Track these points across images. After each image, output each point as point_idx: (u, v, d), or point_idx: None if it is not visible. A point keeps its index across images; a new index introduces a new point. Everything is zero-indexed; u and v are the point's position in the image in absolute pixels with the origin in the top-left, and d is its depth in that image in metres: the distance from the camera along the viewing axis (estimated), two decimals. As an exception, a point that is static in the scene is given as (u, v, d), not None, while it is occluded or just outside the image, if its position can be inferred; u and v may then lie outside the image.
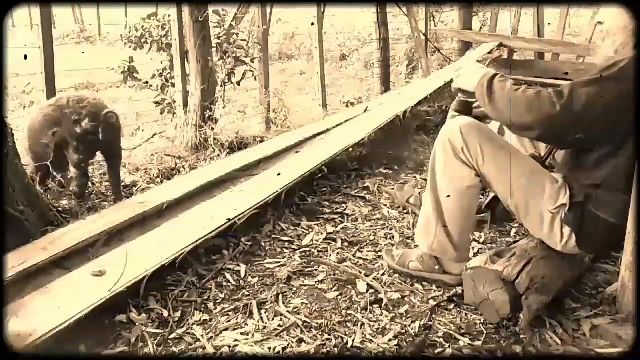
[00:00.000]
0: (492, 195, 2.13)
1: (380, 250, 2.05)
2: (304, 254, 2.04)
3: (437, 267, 1.80)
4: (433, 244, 1.76)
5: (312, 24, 4.79)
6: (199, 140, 3.30)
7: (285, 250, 2.07)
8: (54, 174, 2.44)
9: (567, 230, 1.61)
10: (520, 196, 1.64)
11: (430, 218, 1.75)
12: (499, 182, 1.66)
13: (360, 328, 1.58)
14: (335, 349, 1.47)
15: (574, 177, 1.61)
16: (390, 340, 1.52)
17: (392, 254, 1.92)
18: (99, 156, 2.67)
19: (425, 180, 1.90)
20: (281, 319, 1.61)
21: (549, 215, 1.61)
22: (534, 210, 1.63)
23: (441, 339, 1.54)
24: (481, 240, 2.17)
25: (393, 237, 2.20)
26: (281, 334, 1.54)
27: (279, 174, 2.51)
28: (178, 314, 1.63)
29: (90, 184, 2.64)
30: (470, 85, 1.66)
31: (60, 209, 2.30)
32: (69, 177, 2.46)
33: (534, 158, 1.76)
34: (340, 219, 2.37)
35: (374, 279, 1.85)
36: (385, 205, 2.54)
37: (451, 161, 1.68)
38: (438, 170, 1.72)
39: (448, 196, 1.70)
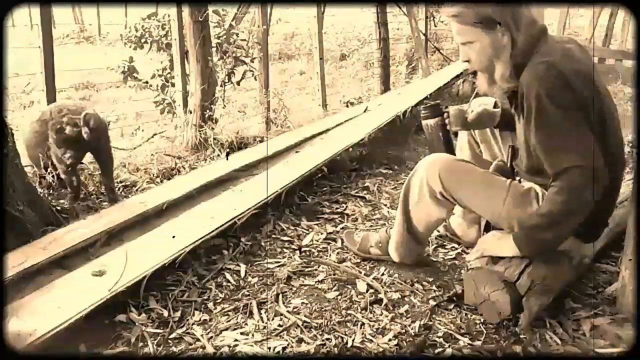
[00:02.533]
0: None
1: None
2: (304, 254, 2.04)
3: None
4: (404, 254, 1.91)
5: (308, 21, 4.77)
6: (199, 140, 3.30)
7: (285, 250, 2.07)
8: (51, 169, 2.47)
9: None
10: (509, 219, 1.65)
11: (402, 234, 1.87)
12: (486, 212, 1.72)
13: (360, 328, 1.58)
14: (335, 349, 1.47)
15: (543, 181, 1.60)
16: (390, 340, 1.52)
17: (353, 238, 2.06)
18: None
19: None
20: (281, 319, 1.61)
21: None
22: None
23: (441, 339, 1.54)
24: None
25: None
26: (281, 334, 1.54)
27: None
28: (178, 314, 1.63)
29: (90, 184, 2.64)
30: None
31: (60, 208, 2.30)
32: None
33: (501, 169, 1.78)
34: (340, 219, 2.37)
35: (374, 279, 1.85)
36: (385, 205, 2.54)
37: (425, 200, 1.77)
38: (412, 201, 1.81)
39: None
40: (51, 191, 2.50)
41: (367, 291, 1.77)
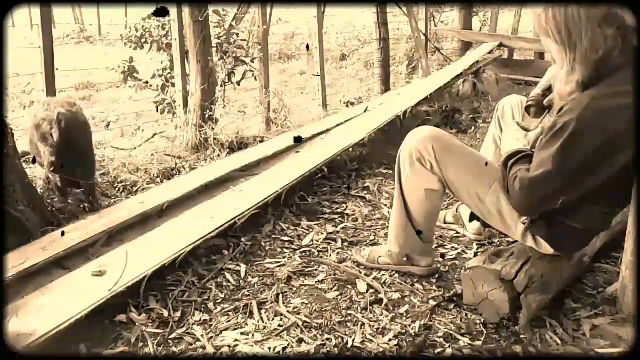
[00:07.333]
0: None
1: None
2: (304, 253, 2.04)
3: (405, 259, 1.86)
4: (402, 243, 1.84)
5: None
6: (199, 140, 3.30)
7: (285, 250, 2.07)
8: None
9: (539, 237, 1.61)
10: (492, 208, 1.63)
11: (399, 220, 1.82)
12: (470, 195, 1.67)
13: (360, 328, 1.58)
14: (335, 349, 1.47)
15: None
16: (390, 340, 1.52)
17: (360, 254, 1.99)
18: (98, 156, 2.64)
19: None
20: (281, 319, 1.61)
21: (521, 225, 1.60)
22: (508, 221, 1.62)
23: (441, 339, 1.54)
24: (480, 240, 2.17)
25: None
26: (281, 333, 1.54)
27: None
28: (178, 313, 1.63)
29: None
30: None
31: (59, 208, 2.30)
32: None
33: None
34: (340, 218, 2.37)
35: (374, 279, 1.85)
36: (385, 205, 2.53)
37: (417, 167, 1.73)
38: (404, 175, 1.77)
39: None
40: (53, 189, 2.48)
41: (367, 291, 1.77)
